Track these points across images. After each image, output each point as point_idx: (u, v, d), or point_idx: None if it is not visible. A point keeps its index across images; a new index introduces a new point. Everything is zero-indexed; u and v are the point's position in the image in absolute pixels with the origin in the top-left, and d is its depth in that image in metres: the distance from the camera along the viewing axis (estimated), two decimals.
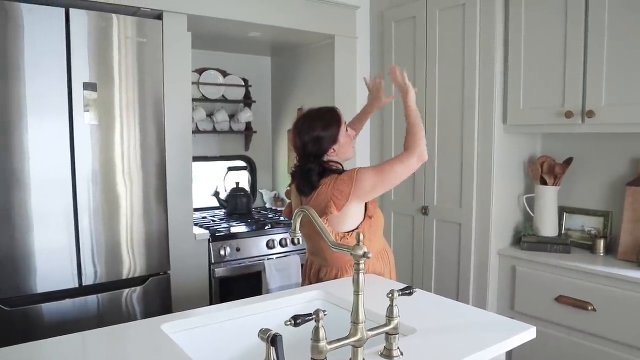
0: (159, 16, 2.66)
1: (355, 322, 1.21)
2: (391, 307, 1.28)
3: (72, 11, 2.32)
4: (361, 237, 1.23)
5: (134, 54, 2.51)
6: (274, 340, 1.07)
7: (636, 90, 2.21)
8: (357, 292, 1.21)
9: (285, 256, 3.13)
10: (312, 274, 2.17)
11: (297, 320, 1.12)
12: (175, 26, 2.70)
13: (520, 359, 2.65)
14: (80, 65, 2.37)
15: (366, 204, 2.05)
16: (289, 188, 2.29)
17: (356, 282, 1.21)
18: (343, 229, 1.99)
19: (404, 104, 2.14)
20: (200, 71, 3.62)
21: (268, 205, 3.95)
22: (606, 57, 2.30)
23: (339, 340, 1.19)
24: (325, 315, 1.15)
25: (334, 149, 2.05)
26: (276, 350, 1.08)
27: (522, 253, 2.66)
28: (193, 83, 3.50)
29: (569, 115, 2.41)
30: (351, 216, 1.99)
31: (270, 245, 3.11)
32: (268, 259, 3.05)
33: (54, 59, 2.30)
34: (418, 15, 3.06)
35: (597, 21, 2.31)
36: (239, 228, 3.13)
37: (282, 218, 3.41)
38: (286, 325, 1.12)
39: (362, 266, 1.21)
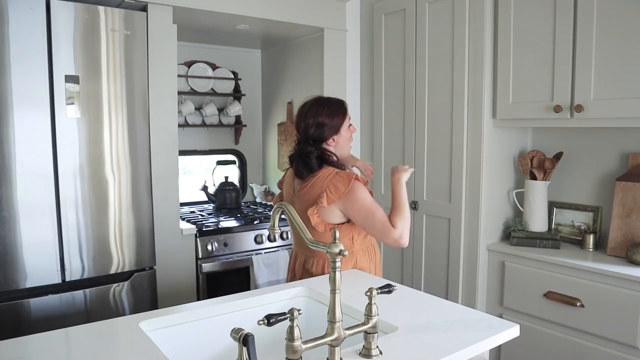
0: (143, 8, 2.62)
1: (332, 321, 1.19)
2: (370, 305, 1.25)
3: (52, 2, 2.28)
4: (337, 234, 1.20)
5: (119, 46, 2.48)
6: (245, 340, 1.05)
7: (624, 85, 2.19)
8: (333, 291, 1.18)
9: (273, 251, 3.11)
10: (298, 265, 2.15)
11: (271, 320, 1.10)
12: (160, 18, 2.66)
13: (509, 355, 2.64)
14: (63, 58, 2.33)
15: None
16: (281, 178, 2.29)
17: (332, 280, 1.18)
18: (333, 220, 1.99)
19: (393, 180, 2.09)
20: (189, 64, 3.58)
21: (258, 200, 3.91)
22: (594, 51, 2.27)
23: (314, 339, 1.17)
24: (300, 314, 1.12)
25: (334, 139, 2.06)
26: (248, 350, 1.05)
27: (511, 248, 2.64)
28: (182, 76, 3.47)
29: (557, 109, 2.38)
30: (333, 214, 1.99)
31: (258, 240, 3.08)
32: (256, 254, 3.03)
33: (35, 51, 2.26)
34: (408, 8, 3.03)
35: (586, 15, 2.28)
36: (227, 222, 3.10)
37: (271, 212, 3.38)
38: (259, 324, 1.09)
39: (338, 264, 1.18)
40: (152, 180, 2.63)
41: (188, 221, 3.07)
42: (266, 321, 1.10)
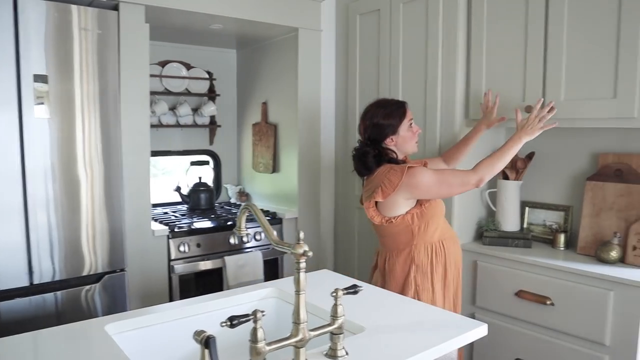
0: (115, 7, 2.59)
1: (297, 322, 1.18)
2: (335, 306, 1.25)
3: (20, 0, 2.24)
4: (301, 235, 1.19)
5: (91, 45, 2.45)
6: (207, 342, 1.03)
7: (594, 85, 2.22)
8: (297, 292, 1.18)
9: (247, 252, 3.09)
10: (376, 258, 2.34)
11: (234, 321, 1.08)
12: (132, 17, 2.63)
13: (480, 354, 2.66)
14: (32, 57, 2.28)
15: None
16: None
17: (297, 282, 1.17)
18: (388, 214, 2.11)
19: (515, 134, 2.21)
20: (163, 63, 3.54)
21: (232, 200, 3.89)
22: (565, 53, 2.30)
23: (279, 340, 1.16)
24: (263, 315, 1.11)
25: (392, 139, 2.17)
26: (210, 352, 1.04)
27: (483, 248, 2.66)
28: (155, 76, 3.43)
29: (528, 109, 2.39)
30: (398, 205, 2.09)
31: (231, 241, 3.05)
32: (229, 255, 3.00)
33: (0, 50, 2.21)
34: (382, 8, 3.03)
35: (557, 18, 2.31)
36: (200, 223, 3.07)
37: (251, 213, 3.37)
38: (222, 326, 1.08)
39: (302, 265, 1.17)
40: (123, 180, 2.60)
41: (161, 222, 3.04)
42: (229, 323, 1.09)
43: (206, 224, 3.09)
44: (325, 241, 3.58)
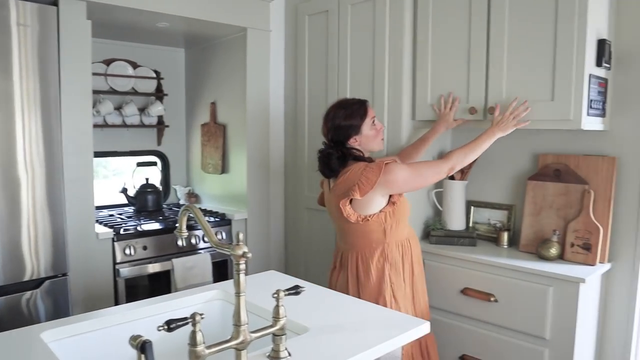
0: (54, 2, 2.50)
1: (237, 324, 1.17)
2: (277, 307, 1.24)
3: None
4: (240, 236, 1.18)
5: (30, 41, 2.35)
6: (143, 347, 1.01)
7: (533, 88, 2.28)
8: (237, 294, 1.16)
9: (195, 254, 3.04)
10: (337, 259, 2.30)
11: (171, 325, 1.06)
12: (72, 13, 2.55)
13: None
14: None
15: None
16: (322, 178, 2.36)
17: (237, 283, 1.16)
18: (364, 212, 2.10)
19: (489, 129, 2.29)
20: (108, 62, 3.45)
21: (182, 202, 3.83)
22: (506, 56, 2.35)
23: (219, 343, 1.14)
24: (202, 318, 1.09)
25: (355, 139, 2.17)
26: (146, 357, 1.01)
27: (431, 247, 2.69)
28: (100, 74, 3.35)
29: (472, 111, 2.45)
30: (374, 202, 2.09)
31: (179, 243, 3.01)
32: (177, 257, 2.95)
33: None
34: (330, 10, 3.04)
35: (498, 22, 2.36)
36: (147, 225, 3.01)
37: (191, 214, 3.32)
38: (159, 330, 1.06)
39: (242, 266, 1.16)
40: (64, 182, 2.51)
41: (106, 225, 2.95)
42: (166, 327, 1.06)
43: (153, 226, 3.03)
44: (275, 242, 3.57)
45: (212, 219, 3.26)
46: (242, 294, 1.17)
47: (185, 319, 1.08)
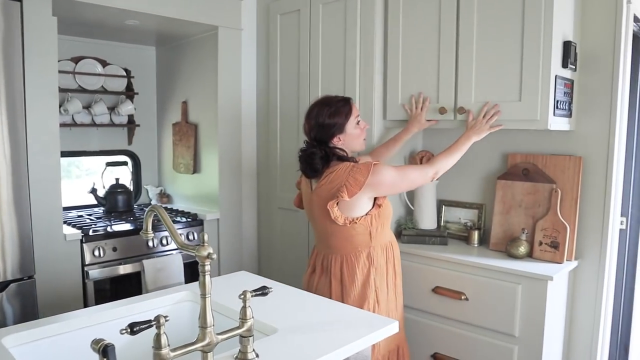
0: None
1: (203, 326, 1.15)
2: (244, 308, 1.23)
3: None
4: (206, 237, 1.16)
5: None
6: (105, 351, 0.99)
7: (501, 89, 2.30)
8: (203, 295, 1.15)
9: (165, 255, 3.01)
10: (317, 261, 2.23)
11: (134, 328, 1.04)
12: (36, 9, 2.50)
13: None
14: None
15: None
16: (298, 179, 2.31)
17: (202, 285, 1.15)
18: (351, 214, 2.05)
19: (464, 133, 2.30)
20: (77, 59, 3.39)
21: (153, 202, 3.78)
22: (475, 57, 2.37)
23: (184, 346, 1.13)
24: (167, 320, 1.07)
25: (339, 138, 2.10)
26: None
27: (402, 246, 2.69)
28: (67, 72, 3.28)
29: (442, 111, 2.47)
30: (360, 204, 2.04)
31: (149, 244, 2.97)
32: (147, 259, 2.91)
33: None
34: (302, 9, 3.04)
35: (467, 24, 2.38)
36: (117, 226, 2.96)
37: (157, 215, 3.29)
38: (121, 333, 1.04)
39: (207, 268, 1.15)
40: (29, 182, 2.46)
41: (74, 226, 2.90)
42: (129, 330, 1.04)
43: (124, 226, 2.98)
44: (248, 242, 3.55)
45: (183, 220, 3.23)
46: (207, 296, 1.16)
47: (149, 321, 1.07)
